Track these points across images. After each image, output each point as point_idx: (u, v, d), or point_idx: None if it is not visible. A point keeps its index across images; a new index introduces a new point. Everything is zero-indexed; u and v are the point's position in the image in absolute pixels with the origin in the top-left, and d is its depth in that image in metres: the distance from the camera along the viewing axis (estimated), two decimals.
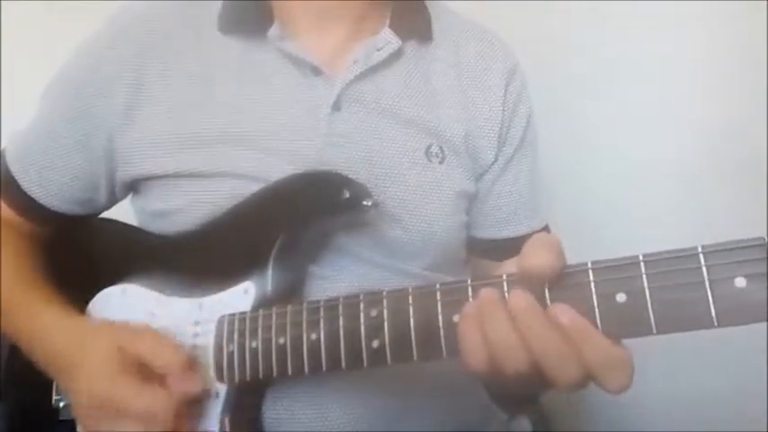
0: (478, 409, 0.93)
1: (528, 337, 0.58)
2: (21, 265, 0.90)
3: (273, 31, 0.85)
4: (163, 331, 0.77)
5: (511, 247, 0.93)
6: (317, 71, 0.85)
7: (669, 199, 1.29)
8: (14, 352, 0.92)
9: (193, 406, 0.74)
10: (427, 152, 0.87)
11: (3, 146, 0.96)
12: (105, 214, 0.97)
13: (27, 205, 0.92)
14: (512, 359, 0.58)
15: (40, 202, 0.92)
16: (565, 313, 0.57)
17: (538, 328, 0.57)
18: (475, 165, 0.91)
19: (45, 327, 0.82)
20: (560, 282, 0.59)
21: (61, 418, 0.85)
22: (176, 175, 0.84)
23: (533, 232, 0.94)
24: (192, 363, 0.75)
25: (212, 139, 0.83)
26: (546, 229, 0.97)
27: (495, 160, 0.92)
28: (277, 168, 0.82)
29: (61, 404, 0.86)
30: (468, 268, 0.96)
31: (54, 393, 0.87)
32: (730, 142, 1.24)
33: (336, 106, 0.85)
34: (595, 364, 0.56)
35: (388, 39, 0.87)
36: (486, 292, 0.60)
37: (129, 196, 0.93)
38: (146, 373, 0.73)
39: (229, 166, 0.83)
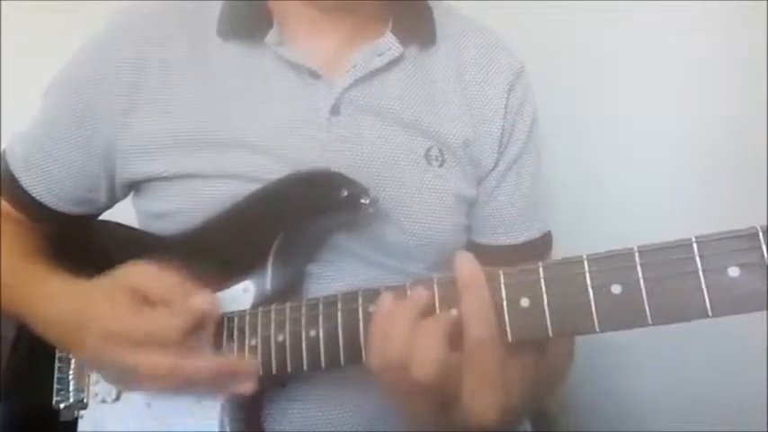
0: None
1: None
2: (21, 243, 0.90)
3: (271, 36, 0.85)
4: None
5: (510, 254, 0.92)
6: (315, 75, 0.85)
7: (669, 198, 1.29)
8: (15, 352, 0.93)
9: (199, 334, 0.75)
10: (427, 155, 0.87)
11: (4, 146, 0.96)
12: (106, 214, 0.97)
13: (28, 204, 0.93)
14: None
15: (42, 201, 0.92)
16: (466, 263, 0.62)
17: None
18: (475, 169, 0.90)
19: (53, 290, 0.82)
20: (556, 274, 0.60)
21: (62, 419, 0.86)
22: (175, 177, 0.84)
23: (534, 239, 0.94)
24: (195, 288, 0.75)
25: (211, 142, 0.84)
26: (547, 236, 0.96)
27: (496, 165, 0.91)
28: (276, 171, 0.82)
29: (61, 405, 0.86)
30: None
31: (54, 394, 0.87)
32: (730, 142, 1.24)
33: (335, 110, 0.85)
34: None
35: (389, 45, 0.87)
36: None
37: (130, 196, 0.93)
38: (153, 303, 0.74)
39: (228, 169, 0.83)
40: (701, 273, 0.54)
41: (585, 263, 0.58)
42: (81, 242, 0.94)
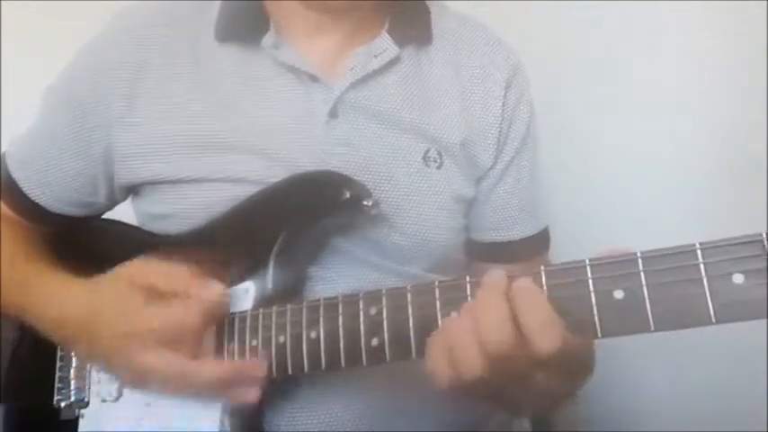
0: (478, 408, 0.93)
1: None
2: (20, 244, 0.90)
3: (267, 39, 0.85)
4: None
5: (510, 250, 0.93)
6: (313, 78, 0.85)
7: (669, 198, 1.29)
8: (15, 353, 0.92)
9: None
10: (425, 157, 0.86)
11: (3, 149, 0.96)
12: (106, 214, 0.97)
13: (28, 208, 0.92)
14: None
15: (42, 204, 0.92)
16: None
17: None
18: (473, 169, 0.90)
19: (55, 289, 0.82)
20: (558, 278, 0.60)
21: (62, 418, 0.86)
22: (173, 181, 0.84)
23: (532, 235, 0.94)
24: (206, 278, 0.75)
25: (208, 145, 0.84)
26: (545, 231, 0.97)
27: (495, 164, 0.91)
28: (274, 174, 0.82)
29: (62, 404, 0.86)
30: (466, 270, 0.95)
31: (55, 394, 0.87)
32: (731, 142, 1.24)
33: (333, 113, 0.84)
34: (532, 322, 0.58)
35: (385, 45, 0.86)
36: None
37: (130, 197, 0.93)
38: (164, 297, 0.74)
39: (227, 172, 0.83)
40: (704, 279, 0.54)
41: (588, 268, 0.58)
42: (82, 241, 0.94)
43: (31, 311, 0.84)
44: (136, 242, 0.90)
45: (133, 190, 0.91)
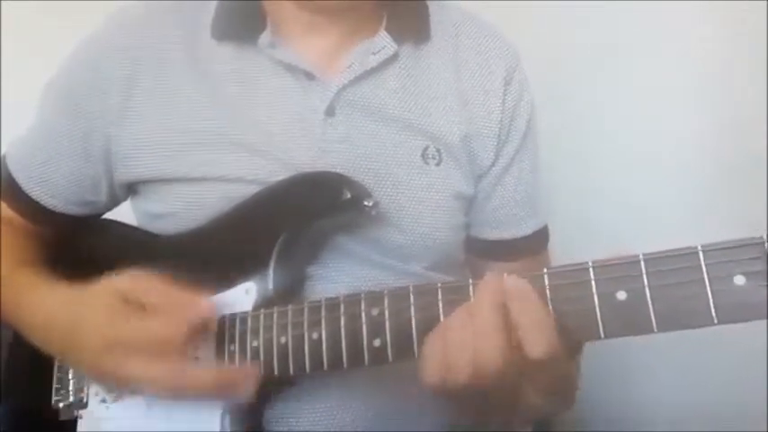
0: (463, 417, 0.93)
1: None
2: (13, 252, 0.90)
3: (264, 38, 0.84)
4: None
5: (512, 247, 0.93)
6: (310, 76, 0.84)
7: (669, 198, 1.29)
8: (14, 353, 0.92)
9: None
10: (424, 155, 0.86)
11: (4, 150, 0.95)
12: (107, 215, 0.97)
13: (30, 208, 0.92)
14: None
15: (43, 204, 0.91)
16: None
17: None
18: (474, 166, 0.90)
19: (41, 297, 0.82)
20: (561, 280, 0.60)
21: (61, 419, 0.85)
22: (171, 179, 0.84)
23: (534, 232, 0.94)
24: (192, 295, 0.74)
25: (207, 143, 0.83)
26: (545, 229, 0.97)
27: (496, 162, 0.90)
28: (272, 173, 0.82)
29: (61, 405, 0.86)
30: (467, 268, 0.96)
31: (54, 394, 0.87)
32: (731, 141, 1.25)
33: (330, 111, 0.84)
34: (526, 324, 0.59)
35: (383, 43, 0.86)
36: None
37: (130, 196, 0.93)
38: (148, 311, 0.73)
39: (224, 171, 0.83)
40: (706, 281, 0.54)
41: (591, 269, 0.59)
42: (83, 242, 0.94)
43: (21, 319, 0.84)
44: (135, 243, 0.90)
45: (132, 188, 0.90)
